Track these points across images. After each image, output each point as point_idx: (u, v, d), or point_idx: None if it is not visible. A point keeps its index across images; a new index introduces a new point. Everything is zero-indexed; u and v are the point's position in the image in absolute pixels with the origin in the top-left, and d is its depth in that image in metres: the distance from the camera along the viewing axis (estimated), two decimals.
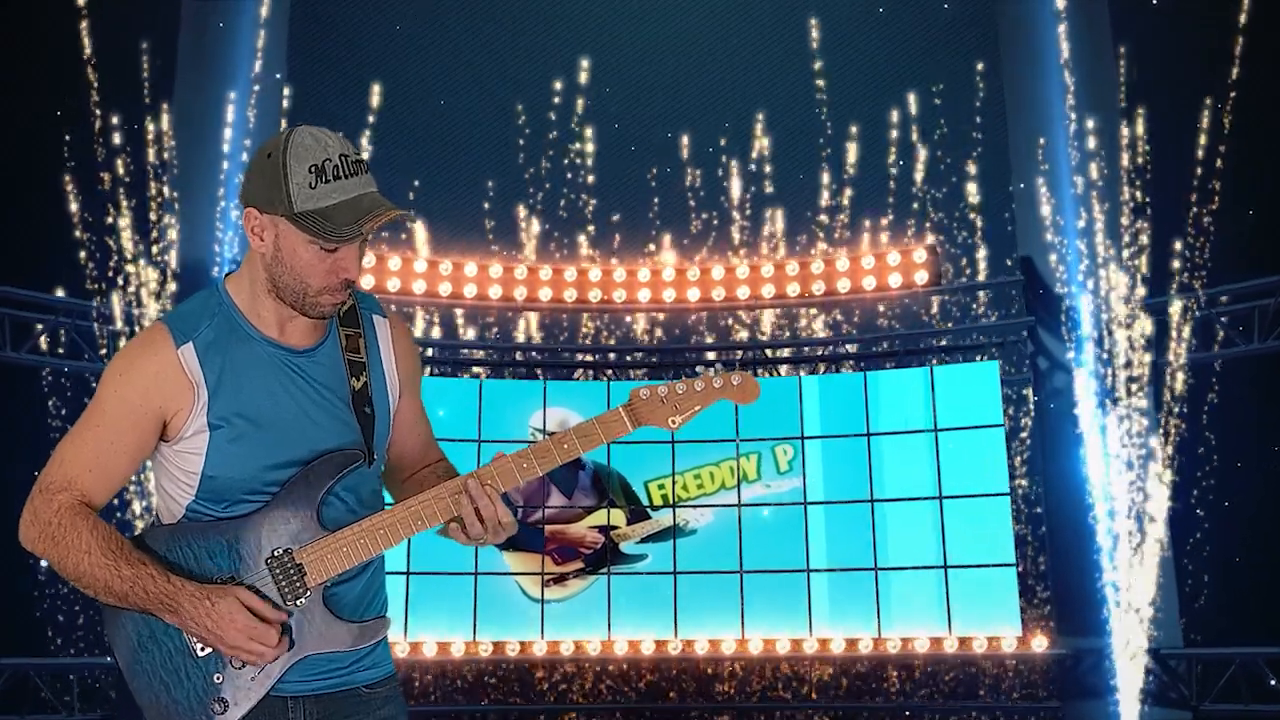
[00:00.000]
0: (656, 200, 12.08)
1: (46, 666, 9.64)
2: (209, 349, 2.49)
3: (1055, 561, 10.69)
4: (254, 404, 2.50)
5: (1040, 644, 10.50)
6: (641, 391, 2.65)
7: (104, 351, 10.03)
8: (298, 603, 2.51)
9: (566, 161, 12.04)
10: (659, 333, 11.96)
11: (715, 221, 12.08)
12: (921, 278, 11.67)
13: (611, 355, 11.89)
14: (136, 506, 9.51)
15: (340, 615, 2.57)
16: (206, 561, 2.48)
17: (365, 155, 2.58)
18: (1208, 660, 9.93)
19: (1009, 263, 11.44)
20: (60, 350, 10.07)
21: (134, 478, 8.66)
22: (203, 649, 2.50)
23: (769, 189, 11.97)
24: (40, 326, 9.99)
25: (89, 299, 10.12)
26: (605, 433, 2.63)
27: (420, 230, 11.72)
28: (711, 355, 11.88)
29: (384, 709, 2.66)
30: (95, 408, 2.52)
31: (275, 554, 2.50)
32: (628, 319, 12.00)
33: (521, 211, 11.96)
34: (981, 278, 11.49)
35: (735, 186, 12.05)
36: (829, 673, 10.99)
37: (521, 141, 12.02)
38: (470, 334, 11.79)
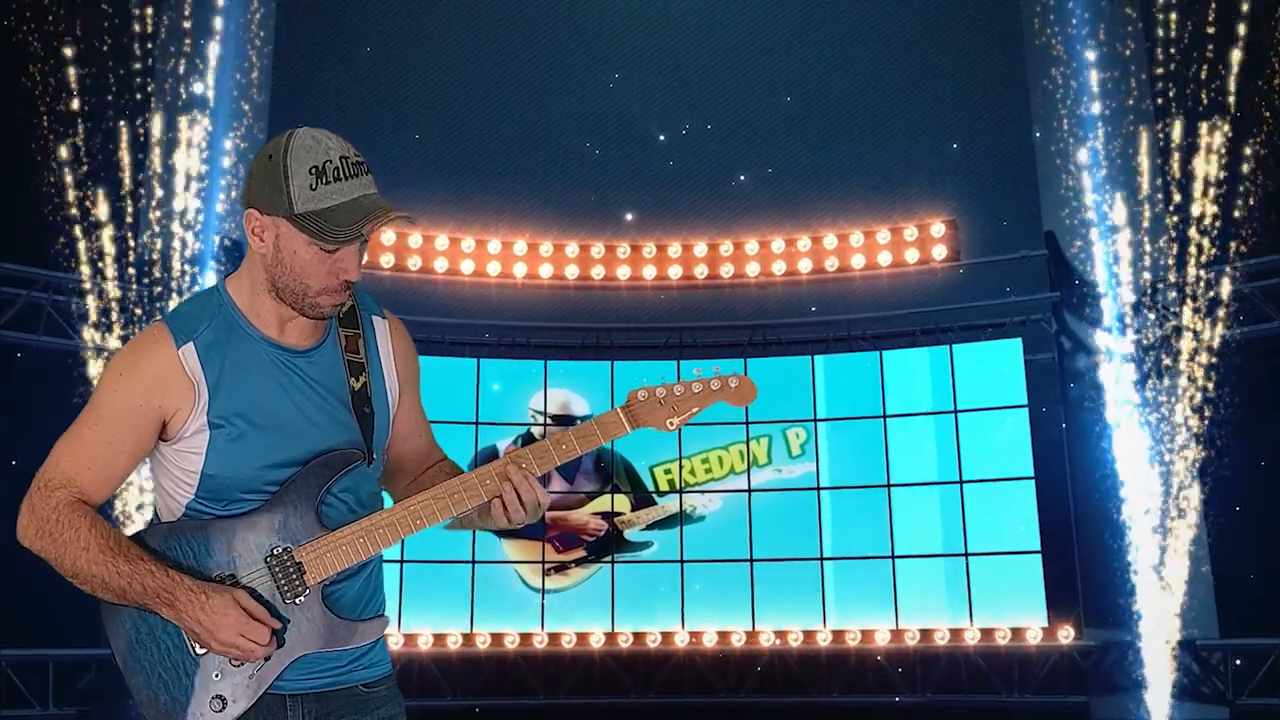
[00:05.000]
0: (663, 179, 11.83)
1: (22, 659, 9.32)
2: (209, 349, 2.55)
3: (1083, 549, 10.39)
4: (254, 404, 2.55)
5: (1067, 635, 10.21)
6: (640, 393, 2.71)
7: (92, 335, 9.74)
8: (296, 601, 2.55)
9: (571, 139, 11.75)
10: (664, 312, 11.63)
11: (723, 198, 11.77)
12: (940, 253, 11.38)
13: (613, 335, 11.52)
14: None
15: (339, 614, 2.60)
16: (205, 559, 2.52)
17: (362, 157, 2.56)
18: (1245, 652, 9.68)
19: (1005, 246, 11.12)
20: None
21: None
22: (202, 647, 2.51)
23: (780, 164, 11.65)
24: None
25: (69, 274, 9.81)
26: (604, 433, 2.70)
27: (414, 207, 11.39)
28: (717, 334, 11.55)
29: (383, 708, 2.69)
30: (94, 405, 2.57)
31: (274, 552, 2.53)
32: (631, 297, 11.67)
33: (523, 188, 11.66)
34: (1003, 253, 11.12)
35: (745, 160, 11.74)
36: (845, 665, 10.65)
37: (524, 120, 11.74)
38: (468, 311, 11.44)
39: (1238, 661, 9.77)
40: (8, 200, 9.64)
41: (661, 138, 11.87)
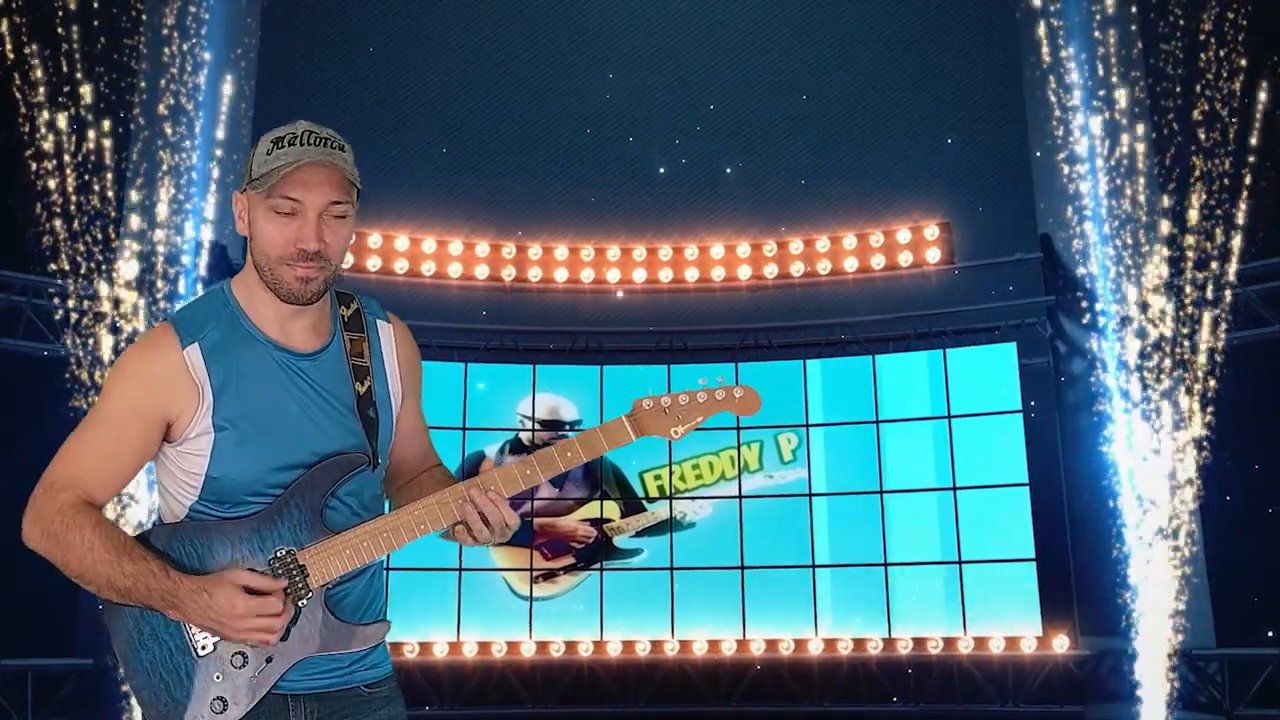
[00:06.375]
0: (655, 181, 11.75)
1: (1, 670, 9.22)
2: (214, 350, 2.58)
3: (1078, 556, 10.33)
4: (258, 407, 2.58)
5: (1061, 644, 10.14)
6: (644, 401, 2.76)
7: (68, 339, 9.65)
8: (300, 604, 2.57)
9: (569, 140, 11.70)
10: (655, 315, 11.55)
11: (715, 199, 11.70)
12: (934, 256, 11.30)
13: (603, 339, 11.44)
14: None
15: (341, 617, 2.63)
16: (209, 561, 2.54)
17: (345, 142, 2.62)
18: (1242, 661, 9.61)
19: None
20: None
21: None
22: (203, 648, 2.53)
23: (775, 165, 11.57)
24: None
25: (49, 278, 9.73)
26: (609, 441, 2.75)
27: (403, 208, 11.34)
28: (708, 338, 11.46)
29: (385, 709, 2.73)
30: (100, 406, 2.60)
31: (278, 555, 2.55)
32: (622, 300, 11.58)
33: (519, 189, 11.59)
34: (997, 256, 11.05)
35: (740, 162, 11.66)
36: (837, 674, 10.57)
37: (524, 120, 11.71)
38: (455, 315, 11.34)
39: (1233, 670, 9.70)
40: None
41: (661, 170, 11.83)
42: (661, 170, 11.86)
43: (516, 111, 11.82)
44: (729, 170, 11.87)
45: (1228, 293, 9.83)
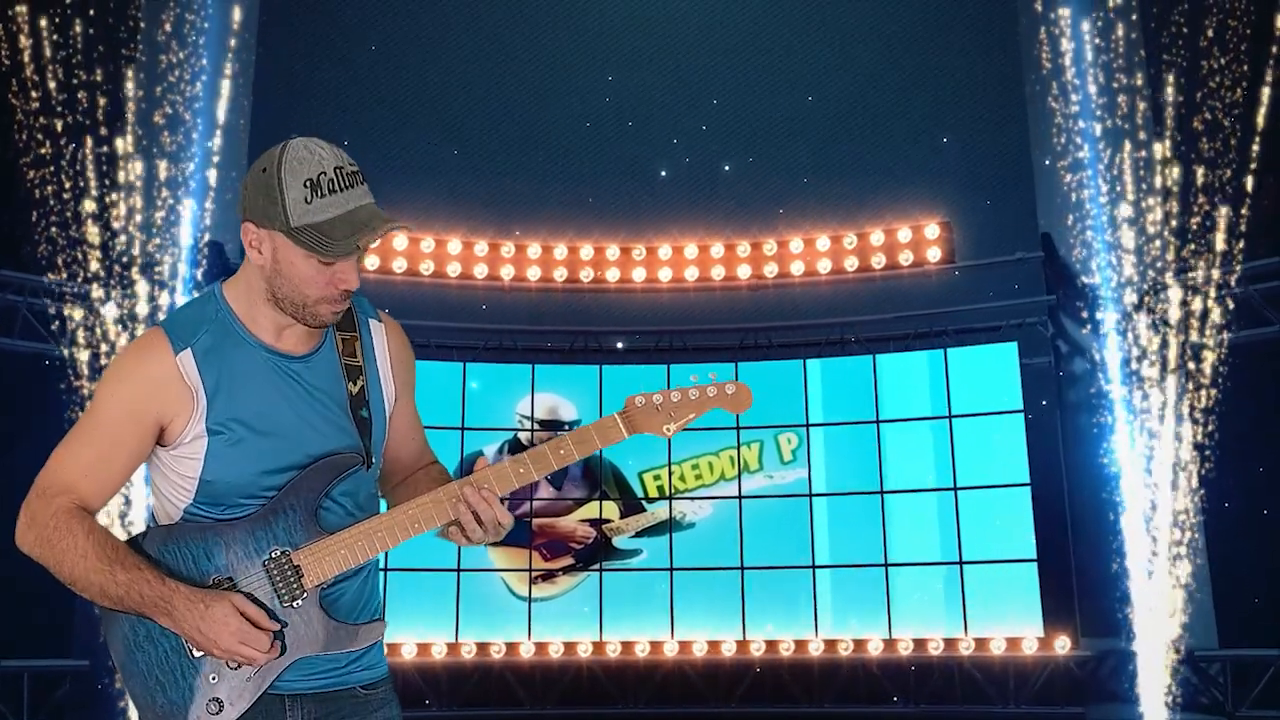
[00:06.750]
0: (654, 180, 11.69)
1: None
2: (207, 355, 2.58)
3: (1079, 557, 10.29)
4: (252, 410, 2.59)
5: (1063, 645, 10.10)
6: (637, 399, 2.77)
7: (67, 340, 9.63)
8: (295, 604, 2.58)
9: (569, 140, 11.67)
10: (654, 315, 11.51)
11: (714, 199, 11.66)
12: (934, 255, 11.27)
13: (602, 338, 11.40)
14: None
15: (337, 617, 2.63)
16: (204, 563, 2.56)
17: (357, 166, 2.59)
18: (1245, 662, 9.56)
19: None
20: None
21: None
22: (199, 650, 2.54)
23: (774, 165, 11.53)
24: None
25: (45, 278, 9.70)
26: (601, 438, 2.75)
27: (401, 208, 11.29)
28: (708, 337, 11.42)
29: (381, 710, 2.74)
30: (93, 412, 2.61)
31: (273, 556, 2.56)
32: (620, 300, 11.54)
33: (519, 188, 11.56)
34: (998, 255, 11.01)
35: (740, 162, 11.62)
36: (837, 675, 10.53)
37: (524, 120, 11.68)
38: (454, 314, 11.30)
39: (1236, 671, 9.66)
40: None
41: (663, 173, 11.81)
42: (663, 174, 11.84)
43: (516, 111, 11.80)
44: (729, 169, 11.84)
45: (1229, 300, 9.80)
